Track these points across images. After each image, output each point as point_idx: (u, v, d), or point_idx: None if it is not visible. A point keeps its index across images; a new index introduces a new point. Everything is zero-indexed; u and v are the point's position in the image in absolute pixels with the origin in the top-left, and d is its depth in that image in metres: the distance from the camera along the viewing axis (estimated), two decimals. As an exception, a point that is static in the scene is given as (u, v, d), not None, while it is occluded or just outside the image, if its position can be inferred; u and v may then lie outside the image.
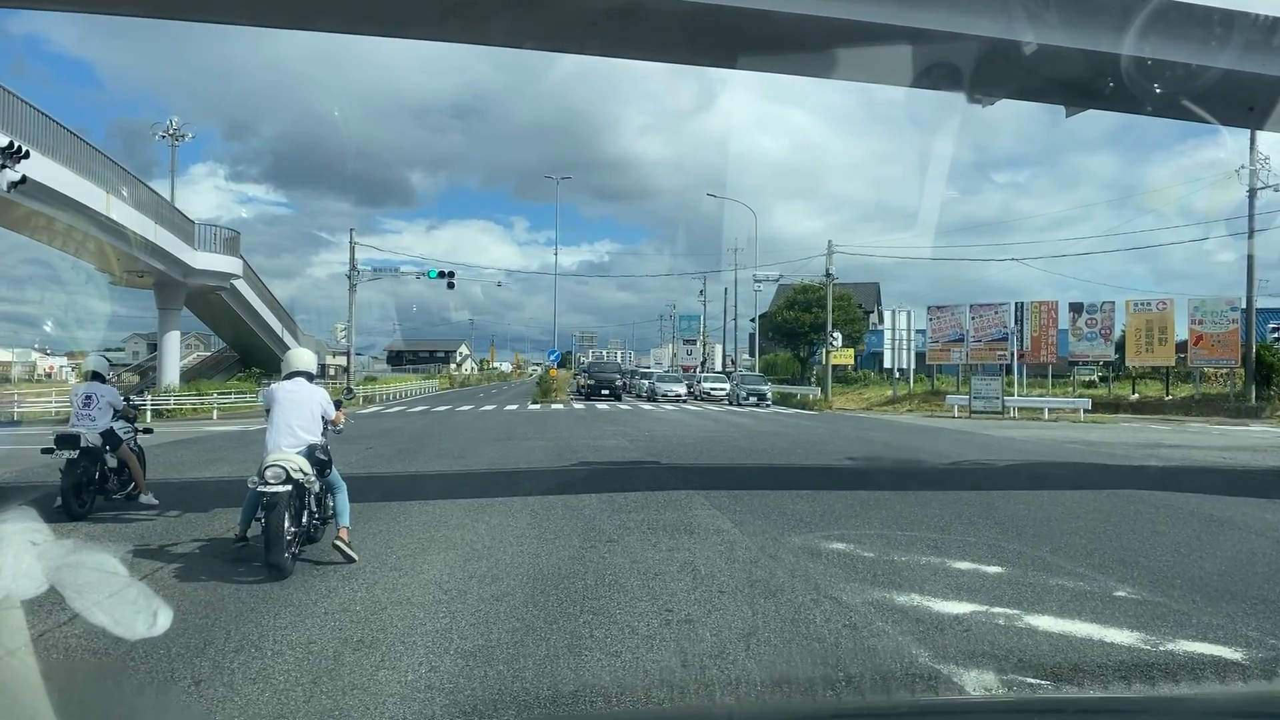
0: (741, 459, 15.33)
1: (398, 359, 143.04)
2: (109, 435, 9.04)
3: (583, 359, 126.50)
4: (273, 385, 7.29)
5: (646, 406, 38.29)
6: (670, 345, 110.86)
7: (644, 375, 57.20)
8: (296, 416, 6.82)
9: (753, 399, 41.69)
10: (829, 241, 40.77)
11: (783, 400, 46.55)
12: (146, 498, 9.42)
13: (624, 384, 49.43)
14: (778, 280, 42.82)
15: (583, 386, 48.45)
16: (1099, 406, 34.02)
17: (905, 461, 15.44)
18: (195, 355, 44.24)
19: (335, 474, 7.12)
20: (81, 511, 8.72)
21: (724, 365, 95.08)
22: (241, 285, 35.13)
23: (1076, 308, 39.26)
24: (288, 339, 42.09)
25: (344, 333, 38.64)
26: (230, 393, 34.42)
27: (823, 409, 39.38)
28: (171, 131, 37.14)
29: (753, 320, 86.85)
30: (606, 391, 44.55)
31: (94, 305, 33.74)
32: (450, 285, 39.69)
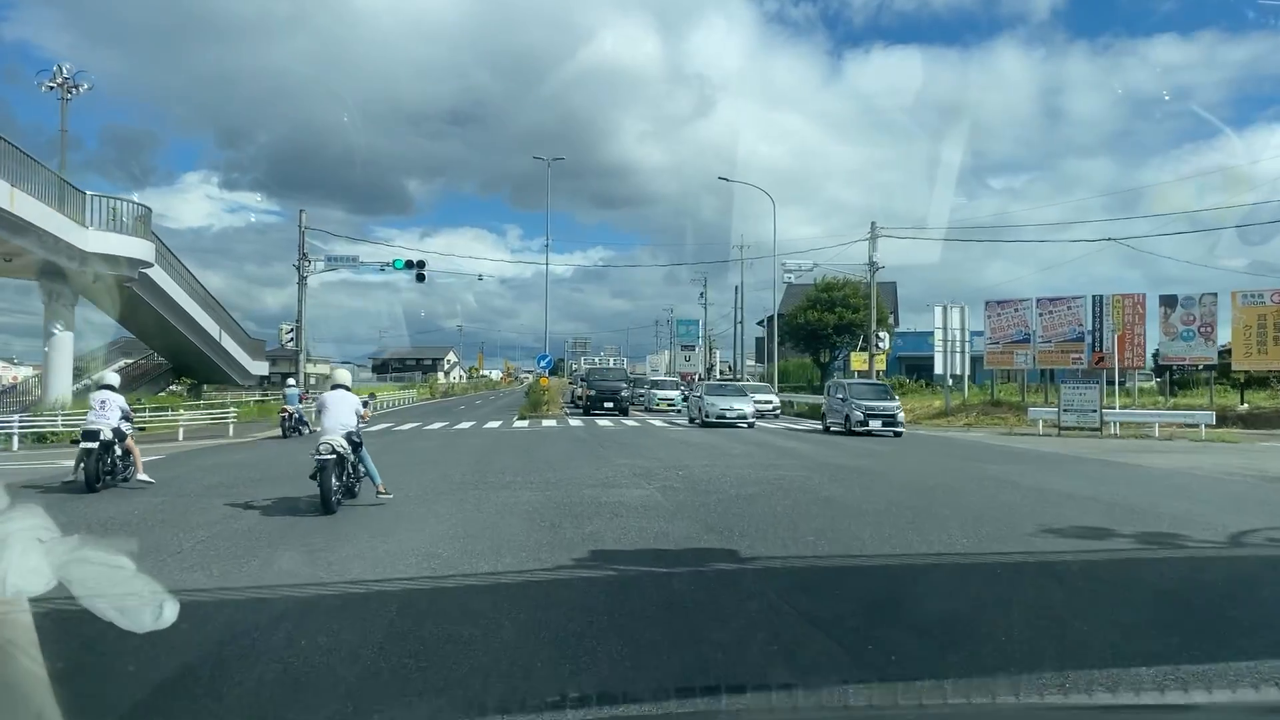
0: (874, 539, 8.76)
1: (384, 368, 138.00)
2: (118, 431, 12.43)
3: (575, 366, 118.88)
4: (323, 394, 11.09)
5: (657, 423, 31.56)
6: (668, 351, 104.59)
7: (658, 385, 45.89)
8: (339, 413, 10.45)
9: (877, 423, 25.77)
10: (872, 224, 34.35)
11: (812, 413, 40.04)
12: (143, 476, 12.70)
13: (631, 395, 40.08)
14: (812, 269, 36.06)
15: (580, 398, 40.79)
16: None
17: (1148, 539, 8.95)
18: (120, 363, 37.33)
19: (364, 450, 10.78)
20: (97, 488, 11.99)
21: (723, 373, 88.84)
22: (158, 275, 28.27)
23: (1169, 301, 32.90)
24: (227, 343, 35.42)
25: (290, 334, 31.76)
26: (145, 408, 27.73)
27: (867, 424, 32.75)
28: (61, 81, 29.77)
29: (760, 324, 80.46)
30: (610, 405, 35.84)
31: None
32: (420, 277, 33.05)
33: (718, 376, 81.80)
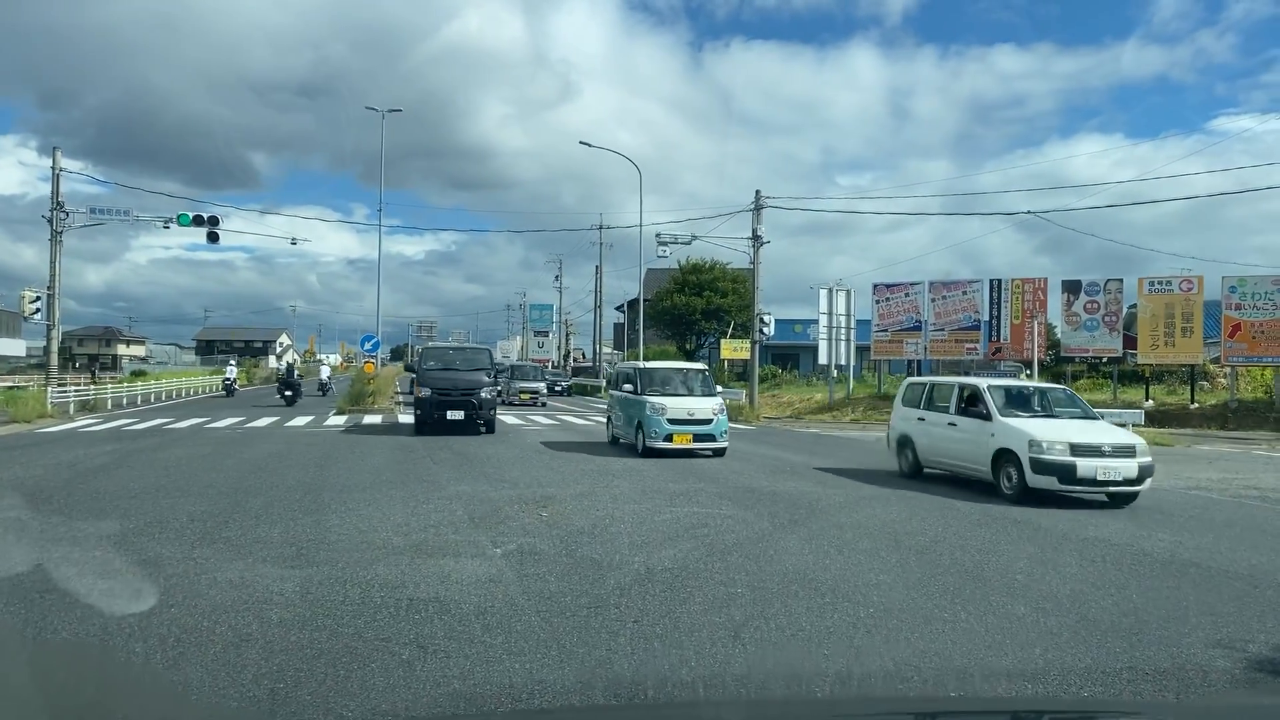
0: None
1: (208, 349, 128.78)
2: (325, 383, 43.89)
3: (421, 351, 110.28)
4: (322, 367, 49.99)
5: (512, 420, 26.12)
6: (520, 337, 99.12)
7: (656, 377, 18.52)
8: (325, 369, 48.35)
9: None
10: (757, 192, 30.03)
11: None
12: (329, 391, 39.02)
13: (500, 396, 26.52)
14: (690, 242, 31.57)
15: (417, 400, 21.97)
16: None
17: None
18: None
19: (332, 381, 46.40)
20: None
21: (578, 360, 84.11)
22: None
23: (1073, 287, 30.27)
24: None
25: (35, 302, 24.51)
26: None
27: (751, 420, 28.60)
28: None
29: (620, 309, 76.02)
30: (459, 415, 21.42)
31: None
32: (212, 237, 26.50)
33: (572, 365, 76.96)
